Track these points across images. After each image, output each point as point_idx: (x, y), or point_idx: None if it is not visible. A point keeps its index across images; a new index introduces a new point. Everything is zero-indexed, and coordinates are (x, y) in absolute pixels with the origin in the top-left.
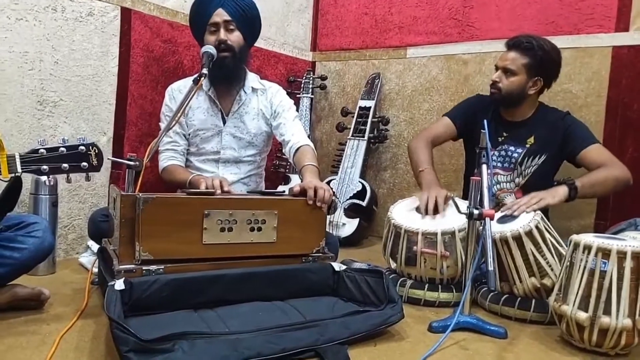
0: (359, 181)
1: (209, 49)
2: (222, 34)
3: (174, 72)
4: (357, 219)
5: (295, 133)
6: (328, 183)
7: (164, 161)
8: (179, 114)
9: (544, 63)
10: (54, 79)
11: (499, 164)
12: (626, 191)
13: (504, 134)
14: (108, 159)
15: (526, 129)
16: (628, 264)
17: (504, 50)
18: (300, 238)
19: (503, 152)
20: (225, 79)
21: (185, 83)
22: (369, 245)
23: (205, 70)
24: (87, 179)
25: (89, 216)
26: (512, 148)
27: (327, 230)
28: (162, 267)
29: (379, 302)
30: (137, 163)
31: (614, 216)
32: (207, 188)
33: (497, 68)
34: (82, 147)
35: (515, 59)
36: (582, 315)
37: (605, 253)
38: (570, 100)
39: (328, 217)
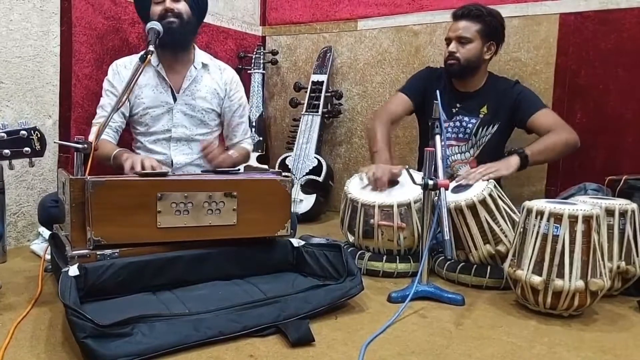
0: (315, 157)
1: (155, 25)
2: (168, 3)
3: (119, 50)
4: (314, 195)
5: (240, 139)
6: (284, 160)
7: (93, 136)
8: (127, 92)
9: (495, 27)
10: None
11: (453, 135)
12: (575, 156)
13: (457, 105)
14: (55, 142)
15: (478, 99)
16: (579, 227)
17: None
18: (263, 220)
19: (457, 123)
20: (173, 47)
21: (131, 59)
22: (326, 220)
23: (151, 47)
24: (31, 164)
25: (38, 202)
26: (466, 119)
27: None
28: (117, 251)
29: (339, 276)
30: (85, 146)
31: (564, 182)
32: (131, 167)
33: (449, 40)
34: (24, 132)
35: (467, 26)
36: (537, 279)
37: (557, 218)
38: (519, 68)
39: None
